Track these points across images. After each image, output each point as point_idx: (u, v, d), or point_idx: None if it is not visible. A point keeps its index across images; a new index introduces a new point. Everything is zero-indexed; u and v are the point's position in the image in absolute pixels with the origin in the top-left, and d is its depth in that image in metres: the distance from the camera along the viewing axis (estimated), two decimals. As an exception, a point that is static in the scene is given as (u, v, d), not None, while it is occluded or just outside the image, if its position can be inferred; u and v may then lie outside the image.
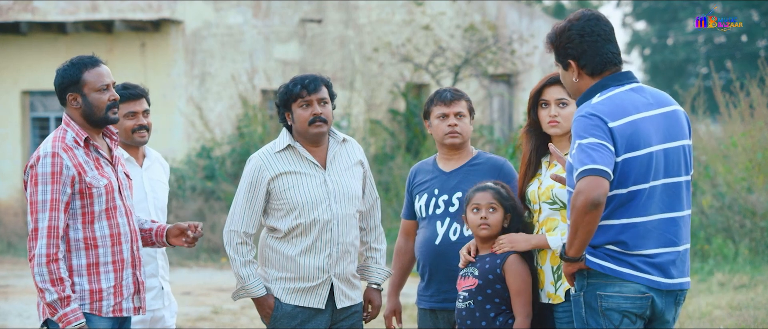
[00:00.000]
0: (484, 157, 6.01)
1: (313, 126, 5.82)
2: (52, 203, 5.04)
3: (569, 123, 5.51)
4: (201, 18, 19.27)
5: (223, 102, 19.60)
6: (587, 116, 4.76)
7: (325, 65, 20.70)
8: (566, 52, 4.91)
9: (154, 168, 6.26)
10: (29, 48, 19.39)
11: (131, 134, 6.07)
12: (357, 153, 6.04)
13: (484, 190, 5.61)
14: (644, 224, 4.79)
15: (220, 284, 14.43)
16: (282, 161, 5.86)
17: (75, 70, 5.21)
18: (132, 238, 5.28)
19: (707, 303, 11.20)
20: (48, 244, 5.03)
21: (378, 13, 21.64)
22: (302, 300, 5.87)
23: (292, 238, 5.86)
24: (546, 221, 5.56)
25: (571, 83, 4.96)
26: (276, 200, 5.84)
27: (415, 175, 6.10)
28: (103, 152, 5.26)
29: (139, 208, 5.99)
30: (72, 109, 5.23)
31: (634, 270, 4.79)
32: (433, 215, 5.94)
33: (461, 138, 5.95)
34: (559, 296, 5.47)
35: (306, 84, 5.82)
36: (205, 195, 18.11)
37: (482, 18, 22.83)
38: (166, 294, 6.18)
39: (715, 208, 14.82)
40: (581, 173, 4.64)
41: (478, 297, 5.52)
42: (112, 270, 5.19)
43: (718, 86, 16.05)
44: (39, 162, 5.09)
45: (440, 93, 5.99)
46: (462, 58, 21.23)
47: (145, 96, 6.14)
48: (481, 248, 5.64)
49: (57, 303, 5.02)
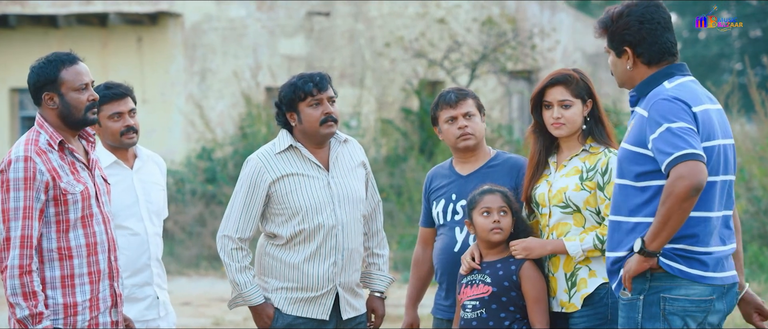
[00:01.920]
0: (502, 157, 5.98)
1: (325, 126, 5.80)
2: (25, 211, 4.96)
3: (573, 124, 5.56)
4: (201, 11, 19.29)
5: (225, 100, 19.61)
6: (671, 99, 4.77)
7: (333, 61, 20.71)
8: (623, 38, 4.89)
9: (147, 169, 6.19)
10: (18, 43, 19.43)
11: (119, 137, 6.00)
12: (359, 154, 6.02)
13: (493, 193, 5.60)
14: (711, 219, 4.83)
15: (222, 294, 14.42)
16: (283, 163, 5.83)
17: (52, 68, 5.11)
18: (109, 247, 5.19)
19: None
20: (21, 255, 4.94)
21: (390, 6, 21.64)
22: (305, 311, 5.84)
23: (295, 245, 5.82)
24: (557, 226, 5.55)
25: (624, 71, 4.94)
26: (277, 205, 5.81)
27: (431, 180, 6.08)
28: (79, 156, 5.18)
29: (130, 213, 5.97)
30: (47, 109, 5.13)
31: (703, 271, 4.81)
32: (451, 222, 5.91)
33: (474, 139, 5.90)
34: (574, 304, 5.49)
35: (317, 82, 5.79)
36: (206, 199, 18.11)
37: (501, 11, 22.82)
38: (162, 304, 6.13)
39: (750, 213, 14.77)
40: (679, 157, 4.64)
41: (492, 305, 5.51)
42: (88, 282, 5.11)
43: (753, 82, 15.99)
44: (10, 167, 5.00)
45: (444, 95, 5.95)
46: (479, 54, 21.22)
47: (129, 95, 6.06)
48: (487, 254, 5.63)
49: (28, 320, 4.94)
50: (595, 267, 5.49)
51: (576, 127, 5.59)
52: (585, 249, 5.45)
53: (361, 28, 21.27)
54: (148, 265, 6.06)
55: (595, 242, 5.43)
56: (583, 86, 5.61)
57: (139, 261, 5.98)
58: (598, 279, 5.48)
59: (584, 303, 5.48)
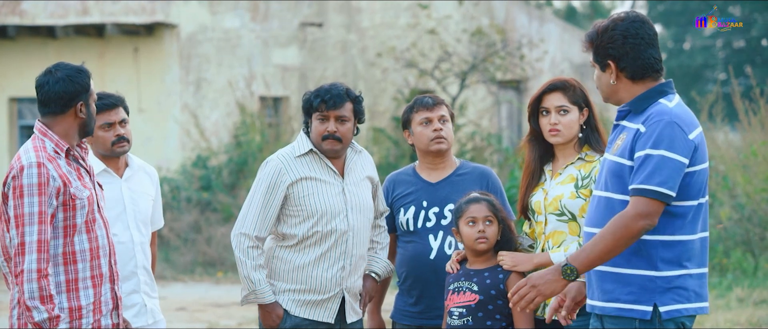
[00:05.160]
0: (469, 166, 6.08)
1: (326, 142, 5.88)
2: (40, 215, 4.97)
3: (570, 131, 5.57)
4: (196, 22, 19.27)
5: (220, 109, 19.59)
6: (675, 125, 4.70)
7: (326, 71, 20.70)
8: (606, 52, 4.86)
9: (137, 178, 6.19)
10: (17, 53, 19.39)
11: (110, 146, 6.02)
12: (368, 168, 6.08)
13: (479, 202, 5.61)
14: (695, 241, 4.78)
15: (217, 299, 14.41)
16: (303, 166, 5.89)
17: (86, 79, 5.15)
18: (110, 252, 5.23)
19: (726, 319, 11.17)
20: (38, 259, 4.95)
21: (381, 17, 21.64)
22: (312, 314, 5.89)
23: (306, 247, 5.87)
24: (553, 234, 5.54)
25: (607, 85, 4.90)
26: (293, 206, 5.86)
27: (394, 186, 6.11)
28: (83, 163, 5.22)
29: (116, 221, 5.95)
30: (72, 118, 5.14)
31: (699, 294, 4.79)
32: (423, 229, 5.95)
33: (447, 143, 6.00)
34: None
35: (327, 99, 5.85)
36: (201, 207, 18.09)
37: (490, 21, 22.82)
38: (151, 312, 6.11)
39: (734, 220, 14.79)
40: (652, 191, 4.60)
41: (479, 313, 5.52)
42: (91, 286, 5.14)
43: (737, 92, 16.01)
44: (23, 173, 5.01)
45: (420, 99, 6.04)
46: (469, 64, 21.21)
47: (121, 104, 6.07)
48: (474, 261, 5.63)
49: (46, 323, 4.95)
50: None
51: (572, 134, 5.58)
52: None
53: (354, 38, 21.26)
54: (135, 273, 6.05)
55: None
56: (581, 94, 5.61)
57: (125, 268, 5.96)
58: (585, 288, 5.47)
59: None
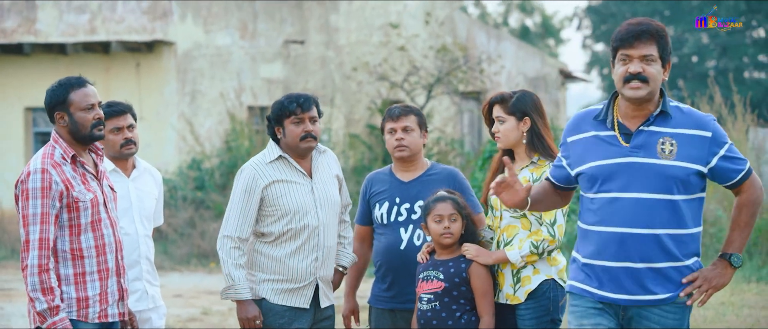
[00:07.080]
0: (438, 167, 6.05)
1: (304, 142, 5.84)
2: (43, 216, 4.99)
3: (507, 138, 5.59)
4: (192, 39, 19.24)
5: (213, 118, 19.56)
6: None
7: (307, 84, 20.69)
8: (670, 50, 4.68)
9: (143, 179, 6.20)
10: (32, 68, 19.32)
11: (119, 148, 6.02)
12: (334, 167, 6.07)
13: (444, 201, 5.62)
14: None
15: (209, 287, 14.39)
16: (274, 170, 5.86)
17: (62, 91, 5.17)
18: (116, 248, 5.23)
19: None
20: (39, 255, 4.97)
21: (357, 35, 21.65)
22: (289, 300, 5.87)
23: (282, 242, 5.86)
24: (507, 228, 5.58)
25: (659, 81, 4.67)
26: (269, 207, 5.83)
27: (371, 185, 6.12)
28: (89, 168, 5.21)
29: (123, 215, 5.95)
30: (60, 127, 5.19)
31: None
32: (395, 222, 5.96)
33: (409, 151, 5.96)
34: (519, 297, 5.52)
35: (301, 102, 5.83)
36: (196, 204, 18.06)
37: (453, 40, 22.86)
38: (151, 298, 6.11)
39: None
40: (750, 169, 4.65)
41: (445, 298, 5.54)
42: (98, 279, 5.14)
43: (671, 103, 16.06)
44: (29, 178, 5.03)
45: (390, 110, 6.01)
46: (435, 77, 21.24)
47: (128, 111, 6.08)
48: (440, 253, 5.66)
49: (46, 313, 4.97)
50: (539, 265, 5.52)
51: (510, 140, 5.61)
52: (523, 256, 5.47)
53: (332, 54, 21.27)
54: (139, 262, 6.05)
55: (532, 248, 5.46)
56: (518, 105, 5.61)
57: (130, 257, 5.96)
58: (541, 275, 5.51)
59: (528, 297, 5.51)
